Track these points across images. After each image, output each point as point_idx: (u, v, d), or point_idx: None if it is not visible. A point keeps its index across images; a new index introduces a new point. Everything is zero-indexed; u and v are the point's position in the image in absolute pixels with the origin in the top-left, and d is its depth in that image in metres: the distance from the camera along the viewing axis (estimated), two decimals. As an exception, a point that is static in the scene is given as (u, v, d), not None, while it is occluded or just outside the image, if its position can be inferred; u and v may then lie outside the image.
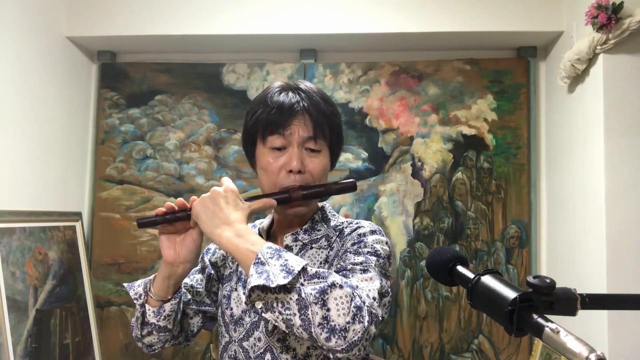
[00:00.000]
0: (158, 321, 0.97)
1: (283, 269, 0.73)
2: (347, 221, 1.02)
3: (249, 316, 0.96)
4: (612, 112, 1.52)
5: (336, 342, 0.71)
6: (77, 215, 1.99)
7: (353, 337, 0.71)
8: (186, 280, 1.08)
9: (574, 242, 1.73)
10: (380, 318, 0.79)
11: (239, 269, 1.03)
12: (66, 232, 1.88)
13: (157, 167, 2.13)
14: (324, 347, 0.73)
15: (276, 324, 0.75)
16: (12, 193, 1.70)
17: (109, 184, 2.13)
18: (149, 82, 2.16)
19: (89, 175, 2.18)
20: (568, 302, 0.56)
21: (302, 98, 0.94)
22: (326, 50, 2.14)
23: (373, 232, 0.95)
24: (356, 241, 0.93)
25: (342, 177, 2.04)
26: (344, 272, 0.85)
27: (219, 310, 1.05)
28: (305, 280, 0.73)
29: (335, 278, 0.74)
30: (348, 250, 0.91)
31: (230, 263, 1.07)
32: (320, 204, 1.06)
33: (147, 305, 0.97)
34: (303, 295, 0.72)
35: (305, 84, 0.99)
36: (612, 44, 1.50)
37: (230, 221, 0.83)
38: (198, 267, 1.12)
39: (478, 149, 2.03)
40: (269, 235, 1.07)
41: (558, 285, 0.56)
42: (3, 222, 1.57)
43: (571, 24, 1.78)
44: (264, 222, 1.09)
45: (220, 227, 0.83)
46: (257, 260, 0.75)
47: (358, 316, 0.72)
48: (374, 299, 0.79)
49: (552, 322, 0.51)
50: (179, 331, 1.06)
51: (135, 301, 0.97)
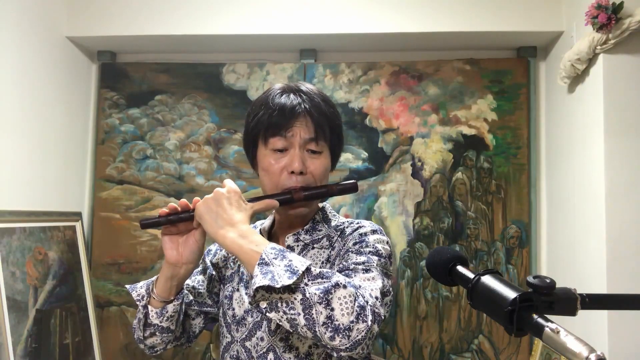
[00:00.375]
0: (161, 322, 0.97)
1: (287, 270, 0.73)
2: (348, 221, 1.03)
3: (252, 316, 0.96)
4: (612, 112, 1.52)
5: (340, 341, 0.72)
6: (77, 215, 1.99)
7: (357, 336, 0.72)
8: (188, 281, 1.08)
9: (574, 242, 1.73)
10: (382, 317, 0.80)
11: (241, 270, 1.03)
12: (66, 232, 1.88)
13: (157, 167, 2.13)
14: (328, 346, 0.74)
15: (280, 324, 0.75)
16: (12, 193, 1.70)
17: (109, 184, 2.13)
18: (149, 82, 2.16)
19: (89, 175, 2.18)
20: (568, 302, 0.56)
21: (304, 100, 0.95)
22: (326, 50, 2.14)
23: (374, 232, 0.96)
24: (358, 241, 0.93)
25: (343, 177, 2.04)
26: (347, 272, 0.85)
27: (221, 310, 1.05)
28: (309, 280, 0.74)
29: (338, 278, 0.75)
30: (350, 250, 0.92)
31: (231, 264, 1.07)
32: (320, 204, 1.06)
33: (150, 306, 0.97)
34: (307, 295, 0.72)
35: (306, 86, 0.99)
36: (612, 44, 1.50)
37: (233, 222, 0.83)
38: (199, 269, 1.12)
39: (478, 149, 2.03)
40: (270, 235, 1.07)
41: (558, 285, 0.56)
42: (3, 222, 1.57)
43: (571, 24, 1.78)
44: (265, 223, 1.09)
45: (224, 228, 0.83)
46: (262, 260, 0.75)
47: (361, 315, 0.73)
48: (377, 298, 0.80)
49: (552, 322, 0.51)
50: (181, 332, 1.06)
51: (137, 302, 0.97)
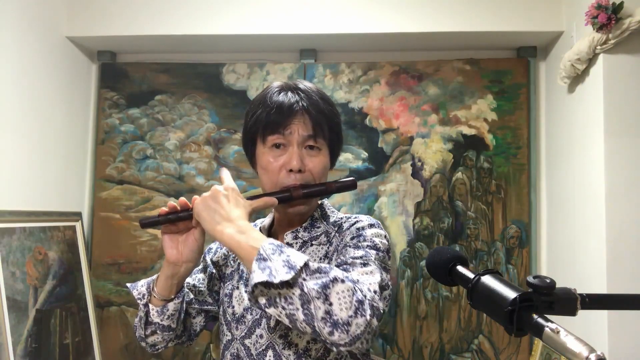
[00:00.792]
0: (162, 320, 0.97)
1: (285, 265, 0.73)
2: (346, 216, 1.03)
3: (251, 314, 0.97)
4: (612, 112, 1.52)
5: (339, 336, 0.72)
6: (77, 215, 1.99)
7: (356, 331, 0.72)
8: (188, 279, 1.09)
9: (574, 242, 1.73)
10: (381, 311, 0.79)
11: (241, 268, 1.03)
12: (66, 232, 1.88)
13: (157, 167, 2.13)
14: (327, 341, 0.73)
15: (279, 319, 0.75)
16: (12, 193, 1.70)
17: (109, 184, 2.13)
18: (149, 82, 2.16)
19: (89, 175, 2.18)
20: (568, 302, 0.56)
21: (302, 98, 0.95)
22: (326, 50, 2.14)
23: (371, 226, 0.96)
24: (355, 235, 0.93)
25: (342, 177, 2.03)
26: (345, 267, 0.85)
27: (221, 308, 1.05)
28: (307, 275, 0.74)
29: (337, 273, 0.75)
30: (348, 244, 0.92)
31: (231, 262, 1.08)
32: (319, 202, 1.06)
33: (151, 305, 0.97)
34: (305, 290, 0.72)
35: (304, 84, 0.99)
36: (612, 44, 1.50)
37: (231, 218, 0.83)
38: (200, 267, 1.13)
39: (478, 149, 2.03)
40: (270, 233, 1.07)
41: (558, 285, 0.56)
42: (3, 222, 1.57)
43: (571, 24, 1.78)
44: (265, 221, 1.10)
45: (221, 224, 0.83)
46: (259, 256, 0.75)
47: (360, 310, 0.73)
48: (375, 293, 0.80)
49: (552, 322, 0.51)
50: (182, 330, 1.06)
51: (138, 301, 0.98)
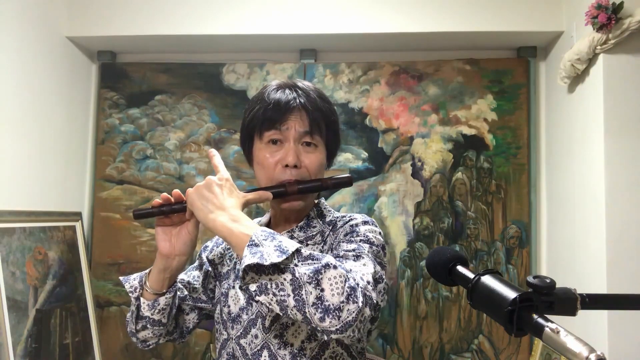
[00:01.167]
0: (152, 315, 0.97)
1: (277, 249, 0.73)
2: (341, 215, 1.03)
3: (247, 314, 0.96)
4: (612, 112, 1.52)
5: (330, 322, 0.71)
6: (77, 215, 1.99)
7: (347, 317, 0.72)
8: (183, 276, 1.09)
9: (574, 242, 1.73)
10: (375, 301, 0.79)
11: (237, 267, 1.03)
12: (66, 232, 1.88)
13: (157, 167, 2.13)
14: (318, 328, 0.73)
15: (270, 307, 0.74)
16: (12, 193, 1.70)
17: (109, 184, 2.13)
18: (149, 82, 2.16)
19: (89, 175, 2.18)
20: (568, 302, 0.56)
21: (299, 95, 0.95)
22: (326, 50, 2.14)
23: (365, 223, 0.96)
24: (349, 232, 0.93)
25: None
26: (338, 259, 0.85)
27: (217, 308, 1.05)
28: (299, 261, 0.73)
29: (329, 259, 0.75)
30: (341, 240, 0.92)
31: (227, 261, 1.08)
32: (316, 200, 1.06)
33: (142, 298, 0.97)
34: (297, 275, 0.72)
35: (302, 82, 1.00)
36: (612, 44, 1.50)
37: (224, 207, 0.83)
38: (195, 264, 1.13)
39: (478, 149, 2.03)
40: None
41: (558, 285, 0.56)
42: (3, 222, 1.57)
43: (571, 24, 1.78)
44: (262, 220, 1.10)
45: (214, 213, 0.82)
46: (251, 242, 0.75)
47: (352, 296, 0.72)
48: (368, 283, 0.80)
49: (552, 322, 0.51)
50: (174, 327, 1.06)
51: (130, 294, 0.98)
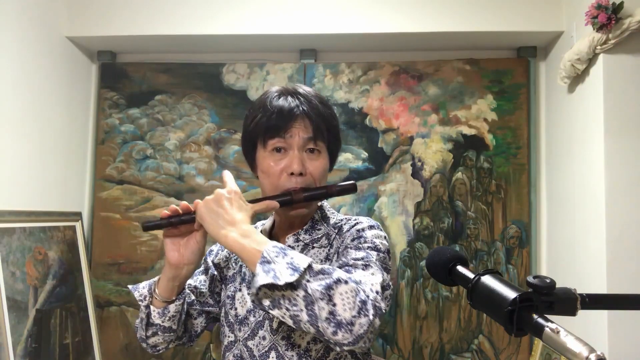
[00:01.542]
0: (163, 322, 0.98)
1: (289, 267, 0.74)
2: (346, 218, 1.04)
3: (254, 316, 0.97)
4: (612, 112, 1.52)
5: (343, 336, 0.73)
6: (77, 215, 1.99)
7: (359, 330, 0.73)
8: (190, 281, 1.10)
9: (574, 242, 1.73)
10: (383, 311, 0.81)
11: (243, 270, 1.04)
12: (66, 232, 1.88)
13: (157, 167, 2.13)
14: (331, 341, 0.75)
15: (283, 320, 0.76)
16: (12, 193, 1.70)
17: (109, 184, 2.13)
18: (149, 82, 2.16)
19: (89, 175, 2.18)
20: (568, 302, 0.56)
21: (301, 102, 0.96)
22: (326, 50, 2.14)
23: (371, 227, 0.97)
24: (356, 237, 0.95)
25: (343, 177, 2.03)
26: (347, 268, 0.87)
27: (222, 310, 1.06)
28: (311, 276, 0.75)
29: (340, 274, 0.76)
30: (348, 246, 0.93)
31: (233, 264, 1.08)
32: (319, 203, 1.06)
33: (152, 306, 0.98)
34: (310, 291, 0.73)
35: (303, 88, 1.01)
36: (612, 44, 1.50)
37: (235, 222, 0.84)
38: (201, 269, 1.14)
39: (478, 149, 2.03)
40: (271, 236, 1.08)
41: (558, 285, 0.56)
42: (3, 222, 1.57)
43: (571, 24, 1.78)
44: (266, 224, 1.10)
45: (225, 228, 0.84)
46: (263, 259, 0.76)
47: (363, 310, 0.74)
48: (377, 293, 0.82)
49: (552, 322, 0.51)
50: (183, 331, 1.07)
51: (140, 303, 0.99)
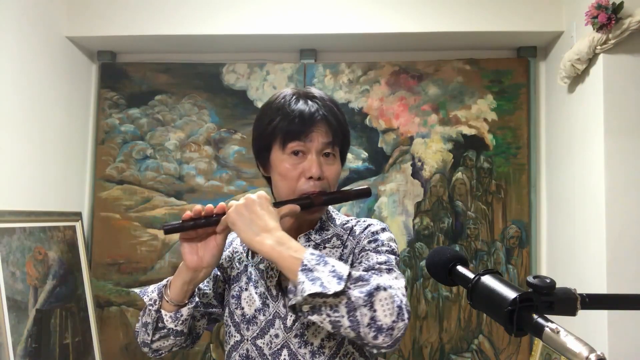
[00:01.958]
0: (176, 326, 0.97)
1: (334, 275, 0.77)
2: (354, 219, 1.05)
3: (263, 315, 0.98)
4: (612, 112, 1.52)
5: (383, 340, 0.76)
6: (77, 215, 1.99)
7: (397, 334, 0.77)
8: None
9: (574, 242, 1.73)
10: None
11: (248, 270, 1.04)
12: (66, 232, 1.88)
13: (157, 167, 2.13)
14: (370, 344, 0.78)
15: (322, 325, 0.79)
16: (12, 193, 1.70)
17: (109, 184, 2.13)
18: (149, 82, 2.16)
19: (89, 175, 2.18)
20: (568, 302, 0.56)
21: (320, 106, 0.97)
22: (326, 50, 2.14)
23: (384, 230, 1.00)
24: (372, 239, 0.97)
25: (343, 178, 2.04)
26: (373, 272, 0.89)
27: (227, 310, 1.05)
28: (351, 283, 0.78)
29: (378, 281, 0.79)
30: (367, 248, 0.95)
31: (237, 264, 1.08)
32: None
33: (163, 310, 0.96)
34: (352, 298, 0.76)
35: (317, 91, 1.02)
36: (612, 44, 1.50)
37: (269, 228, 0.85)
38: None
39: (478, 149, 2.03)
40: None
41: (558, 285, 0.56)
42: (3, 222, 1.57)
43: (571, 24, 1.78)
44: None
45: (260, 235, 0.84)
46: (304, 267, 0.78)
47: (400, 315, 0.77)
48: (404, 296, 0.84)
49: (552, 322, 0.51)
50: (187, 334, 1.06)
51: (150, 307, 0.97)
